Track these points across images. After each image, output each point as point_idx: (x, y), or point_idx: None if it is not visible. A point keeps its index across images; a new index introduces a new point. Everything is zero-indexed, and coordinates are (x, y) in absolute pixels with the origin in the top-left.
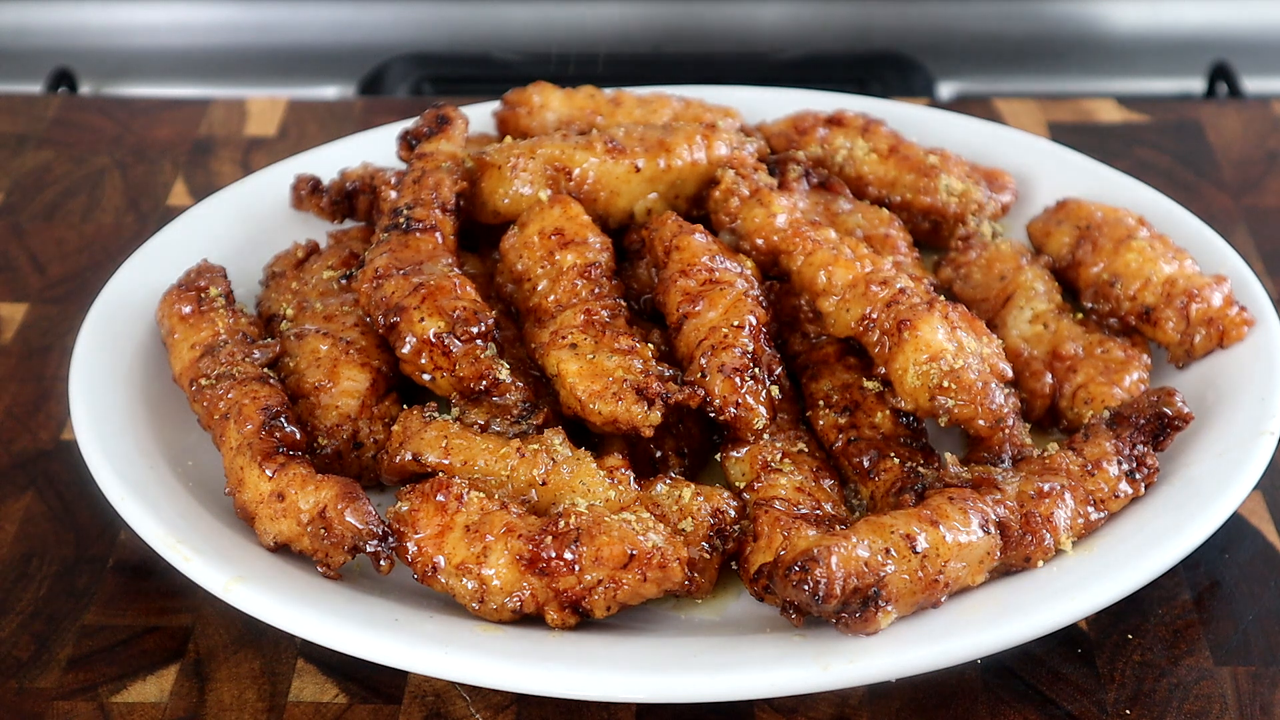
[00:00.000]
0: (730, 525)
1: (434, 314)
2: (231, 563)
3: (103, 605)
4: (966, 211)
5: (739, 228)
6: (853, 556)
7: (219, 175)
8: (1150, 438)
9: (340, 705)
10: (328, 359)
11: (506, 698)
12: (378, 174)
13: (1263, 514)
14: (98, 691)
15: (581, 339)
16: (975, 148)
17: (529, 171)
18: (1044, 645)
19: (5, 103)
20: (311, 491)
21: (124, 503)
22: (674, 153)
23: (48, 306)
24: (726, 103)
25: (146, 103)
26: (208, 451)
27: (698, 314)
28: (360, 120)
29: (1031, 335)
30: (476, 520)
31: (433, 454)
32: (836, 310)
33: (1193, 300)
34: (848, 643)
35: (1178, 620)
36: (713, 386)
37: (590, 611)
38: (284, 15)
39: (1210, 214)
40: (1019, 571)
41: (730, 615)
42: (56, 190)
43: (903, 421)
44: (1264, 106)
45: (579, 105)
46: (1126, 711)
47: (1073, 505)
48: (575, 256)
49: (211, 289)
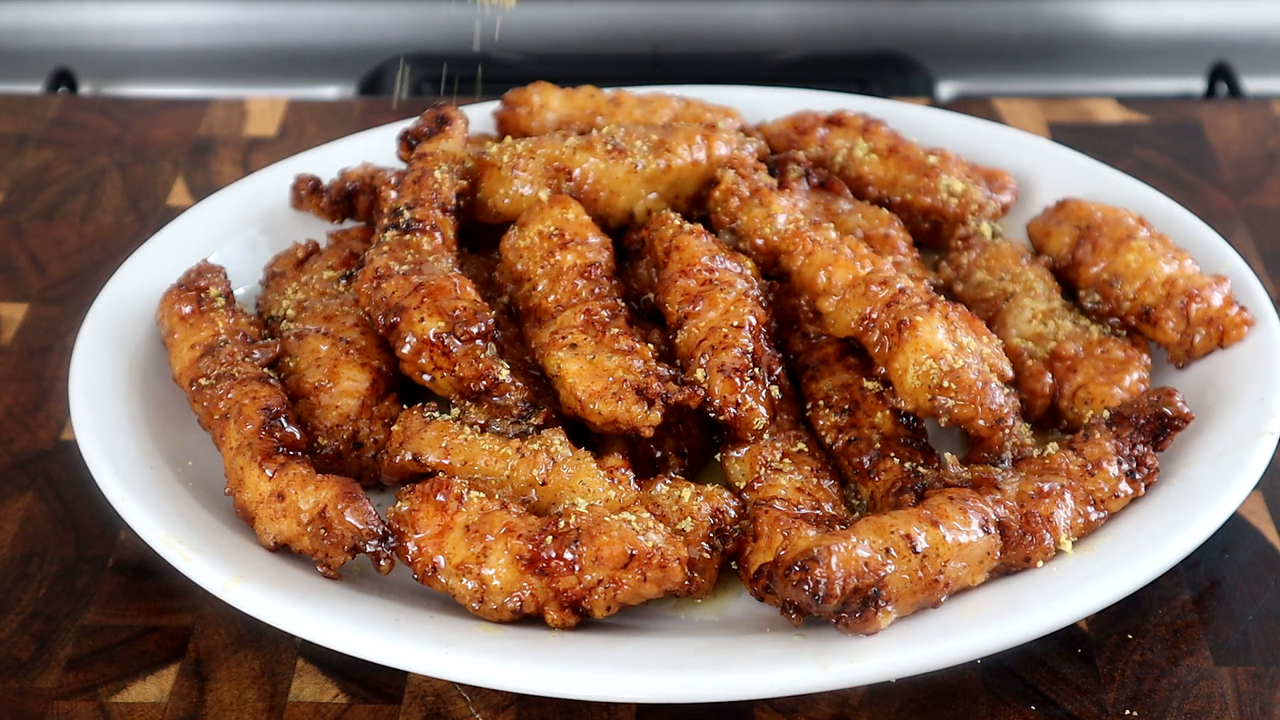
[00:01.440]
0: (730, 525)
1: (434, 314)
2: (231, 563)
3: (103, 605)
4: (966, 211)
5: (739, 228)
6: (853, 556)
7: (219, 175)
8: (1150, 438)
9: (340, 705)
10: (328, 359)
11: (506, 698)
12: (378, 174)
13: (1263, 514)
14: (98, 691)
15: (581, 339)
16: (975, 148)
17: (529, 171)
18: (1044, 645)
19: (5, 103)
20: (311, 491)
21: (124, 503)
22: (674, 153)
23: (48, 306)
24: (726, 103)
25: (146, 103)
26: (208, 451)
27: (698, 314)
28: (360, 120)
29: (1031, 335)
30: (476, 520)
31: (433, 454)
32: (836, 310)
33: (1193, 300)
34: (848, 643)
35: (1178, 620)
36: (713, 386)
37: (590, 611)
38: (284, 15)
39: (1210, 214)
40: (1019, 571)
41: (730, 615)
42: (56, 190)
43: (903, 421)
44: (1264, 106)
45: (579, 105)
46: (1126, 711)
47: (1073, 505)
48: (575, 256)
49: (211, 289)
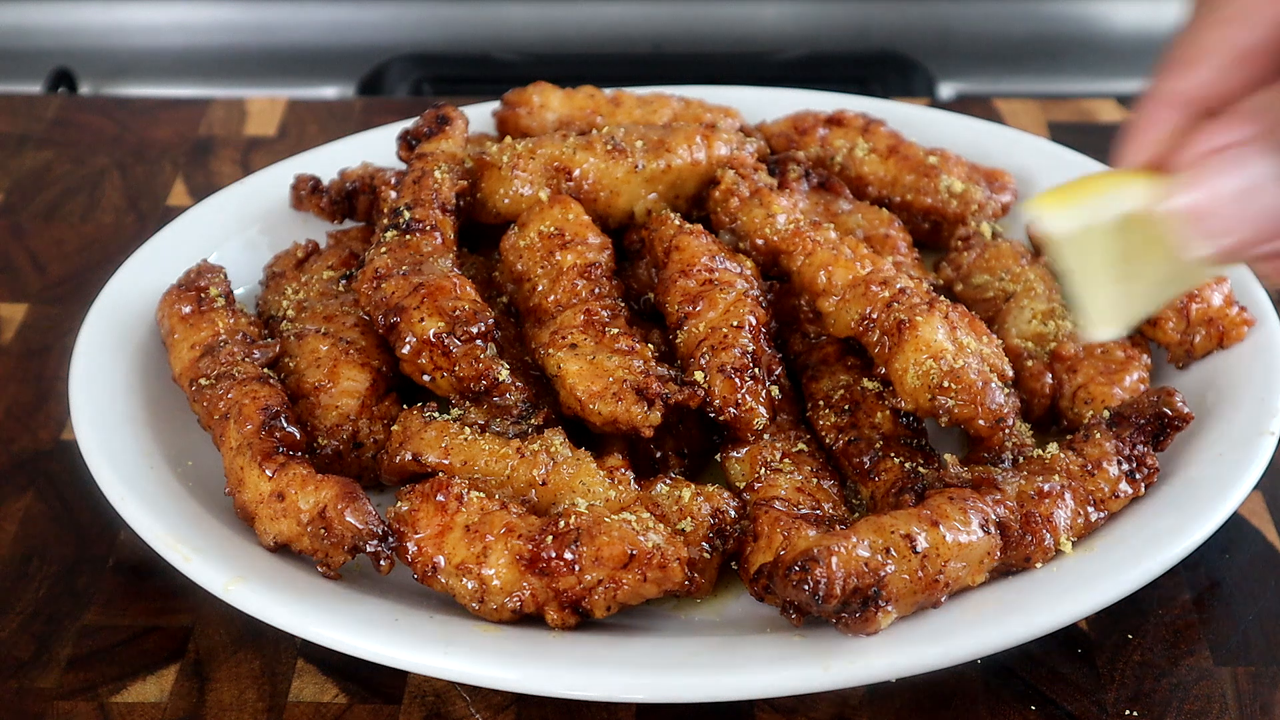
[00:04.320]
0: (730, 525)
1: (434, 314)
2: (231, 563)
3: (103, 605)
4: (966, 211)
5: (739, 228)
6: (853, 556)
7: (219, 175)
8: (1150, 438)
9: (340, 705)
10: (328, 359)
11: (506, 698)
12: (378, 174)
13: (1263, 514)
14: (98, 691)
15: (581, 339)
16: (975, 148)
17: (529, 171)
18: (1044, 645)
19: (5, 103)
20: (311, 491)
21: (124, 503)
22: (674, 153)
23: (48, 306)
24: (726, 103)
25: (146, 103)
26: (208, 451)
27: (698, 314)
28: (360, 120)
29: (1031, 335)
30: (476, 520)
31: (433, 454)
32: (836, 310)
33: (1193, 300)
34: (848, 643)
35: (1178, 620)
36: (713, 387)
37: (590, 611)
38: (284, 15)
39: None
40: (1019, 571)
41: (730, 615)
42: (56, 190)
43: (903, 421)
44: None
45: (579, 105)
46: (1126, 711)
47: (1073, 505)
48: (575, 256)
49: (211, 289)
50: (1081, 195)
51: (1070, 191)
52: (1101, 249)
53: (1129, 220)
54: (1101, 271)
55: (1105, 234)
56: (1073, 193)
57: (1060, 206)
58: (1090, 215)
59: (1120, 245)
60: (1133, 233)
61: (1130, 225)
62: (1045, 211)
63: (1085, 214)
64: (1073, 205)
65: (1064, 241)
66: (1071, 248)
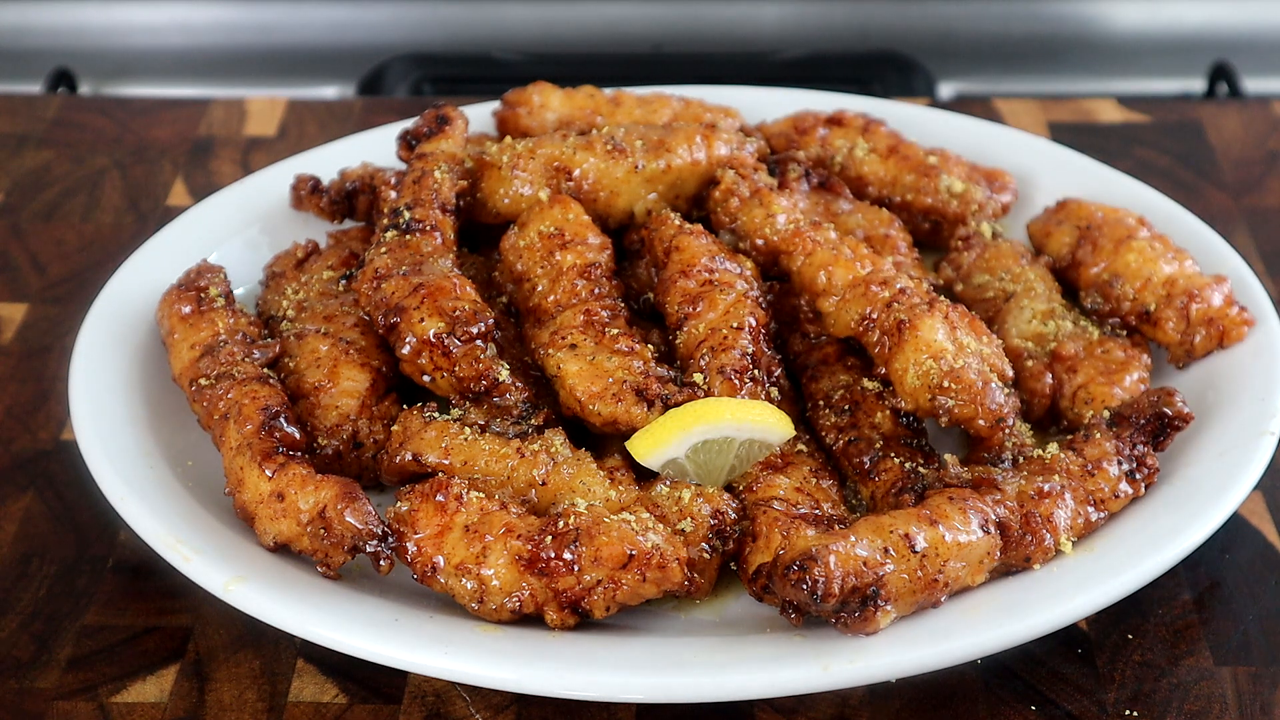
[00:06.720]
0: (730, 526)
1: (434, 314)
2: (231, 563)
3: (103, 605)
4: (966, 211)
5: (739, 228)
6: (851, 556)
7: (219, 175)
8: (1150, 438)
9: (340, 705)
10: (328, 359)
11: (506, 698)
12: (378, 174)
13: (1263, 514)
14: (98, 691)
15: (581, 339)
16: (975, 148)
17: (529, 171)
18: (1044, 645)
19: (5, 103)
20: (311, 491)
21: (124, 503)
22: (674, 153)
23: (48, 306)
24: (726, 103)
25: (146, 103)
26: (208, 451)
27: (697, 315)
28: (360, 120)
29: (1032, 335)
30: (476, 520)
31: (433, 454)
32: (836, 310)
33: (1193, 300)
34: (848, 643)
35: (1178, 620)
36: (713, 388)
37: (590, 611)
38: (284, 15)
39: (1210, 214)
40: (1019, 571)
41: (730, 615)
42: (56, 190)
43: (903, 421)
44: (1264, 106)
45: (579, 105)
46: (1126, 711)
47: (1073, 505)
48: (575, 256)
49: (211, 289)
50: (661, 435)
51: (653, 433)
52: (684, 465)
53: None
54: (682, 472)
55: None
56: (655, 434)
57: (647, 449)
58: (673, 450)
59: (698, 457)
60: (705, 449)
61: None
62: (636, 454)
63: (668, 450)
64: (657, 446)
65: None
66: (661, 468)
